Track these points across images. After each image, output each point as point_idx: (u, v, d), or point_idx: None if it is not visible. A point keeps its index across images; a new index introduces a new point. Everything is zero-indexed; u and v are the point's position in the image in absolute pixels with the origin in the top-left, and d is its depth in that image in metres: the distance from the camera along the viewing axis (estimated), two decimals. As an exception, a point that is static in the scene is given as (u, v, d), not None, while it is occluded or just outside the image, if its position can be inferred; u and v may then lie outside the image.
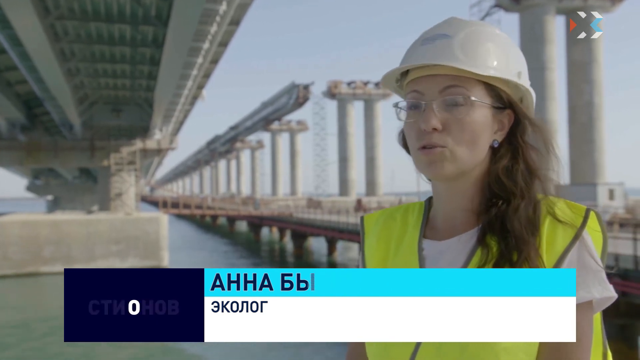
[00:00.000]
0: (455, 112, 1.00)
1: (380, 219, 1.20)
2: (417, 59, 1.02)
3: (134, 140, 36.30)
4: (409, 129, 1.05)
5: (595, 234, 1.00)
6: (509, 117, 1.06)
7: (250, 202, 63.38)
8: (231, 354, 16.07)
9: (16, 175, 75.45)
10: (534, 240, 0.98)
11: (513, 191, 1.02)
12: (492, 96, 1.03)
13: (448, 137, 1.00)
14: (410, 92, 1.05)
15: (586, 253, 0.97)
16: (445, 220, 1.09)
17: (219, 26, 20.64)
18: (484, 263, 0.99)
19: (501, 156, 1.05)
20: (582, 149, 40.17)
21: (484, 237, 1.02)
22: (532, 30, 39.54)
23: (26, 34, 20.16)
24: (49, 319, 20.22)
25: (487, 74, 1.00)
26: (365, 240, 1.20)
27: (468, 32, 1.03)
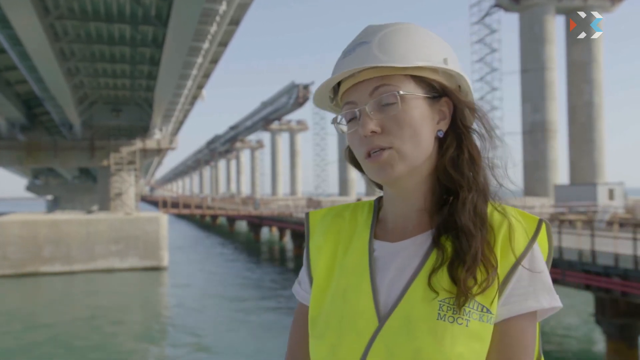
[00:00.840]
0: (389, 111, 0.99)
1: (328, 217, 1.16)
2: (339, 71, 1.02)
3: (133, 140, 36.29)
4: (351, 140, 1.04)
5: (542, 243, 1.01)
6: (447, 105, 1.04)
7: (250, 201, 63.32)
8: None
9: (16, 175, 75.45)
10: (482, 233, 0.98)
11: (460, 183, 1.01)
12: (424, 87, 1.02)
13: (390, 137, 0.99)
14: (345, 105, 1.04)
15: (537, 264, 0.98)
16: (398, 220, 1.07)
17: (218, 26, 20.63)
18: (439, 265, 0.97)
19: (447, 146, 1.03)
20: (582, 148, 40.17)
21: (438, 238, 1.00)
22: (531, 30, 39.53)
23: (26, 33, 20.15)
24: (49, 318, 20.23)
25: (407, 65, 0.99)
26: (310, 237, 1.17)
27: (385, 33, 1.02)
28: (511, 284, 0.97)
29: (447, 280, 0.96)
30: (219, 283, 28.46)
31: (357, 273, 1.04)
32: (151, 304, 23.94)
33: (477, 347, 0.94)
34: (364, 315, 1.00)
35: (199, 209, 54.30)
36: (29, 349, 16.46)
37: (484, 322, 0.95)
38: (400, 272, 1.01)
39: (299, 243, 40.05)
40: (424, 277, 0.98)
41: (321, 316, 1.05)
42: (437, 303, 0.95)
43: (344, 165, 68.08)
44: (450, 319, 0.94)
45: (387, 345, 0.96)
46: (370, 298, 1.00)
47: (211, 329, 18.70)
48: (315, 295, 1.09)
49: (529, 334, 0.97)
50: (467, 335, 0.94)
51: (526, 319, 0.97)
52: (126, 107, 35.92)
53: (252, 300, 23.44)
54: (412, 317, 0.96)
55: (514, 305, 0.96)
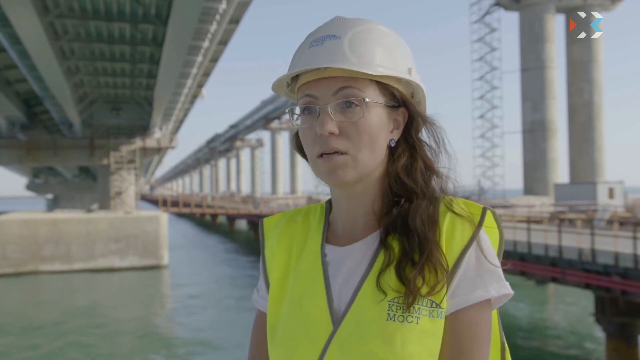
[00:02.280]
0: (351, 115, 0.98)
1: (281, 222, 1.17)
2: (308, 63, 0.99)
3: (133, 139, 36.27)
4: (304, 135, 1.03)
5: (492, 232, 1.00)
6: (403, 115, 1.04)
7: (250, 200, 63.33)
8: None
9: (16, 173, 75.42)
10: (435, 237, 0.97)
11: (414, 190, 1.01)
12: (386, 95, 1.01)
13: (346, 141, 0.98)
14: (303, 97, 1.02)
15: (483, 252, 0.97)
16: (346, 224, 1.07)
17: (218, 25, 20.61)
18: (386, 265, 0.97)
19: (399, 155, 1.03)
20: (582, 147, 40.18)
21: (386, 238, 1.00)
22: (531, 29, 39.52)
23: (25, 32, 20.12)
24: (49, 317, 20.24)
25: (378, 74, 0.98)
26: (265, 244, 1.17)
27: (356, 32, 1.00)
28: (458, 276, 0.96)
29: (395, 280, 0.96)
30: (219, 282, 28.46)
31: (311, 279, 1.04)
32: (151, 302, 23.94)
33: (430, 344, 0.94)
34: (319, 321, 1.00)
35: (199, 208, 54.31)
36: (29, 348, 16.46)
37: (434, 318, 0.95)
38: (350, 275, 1.01)
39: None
40: (372, 278, 0.98)
41: (279, 324, 1.05)
42: (387, 303, 0.95)
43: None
44: (400, 319, 0.94)
45: (341, 349, 0.96)
46: (324, 303, 1.01)
47: (211, 327, 18.70)
48: (272, 303, 1.09)
49: (482, 324, 0.96)
50: (418, 333, 0.93)
51: (477, 309, 0.96)
52: (126, 105, 35.90)
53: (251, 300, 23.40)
54: (363, 320, 0.96)
55: (462, 297, 0.96)
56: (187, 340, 17.35)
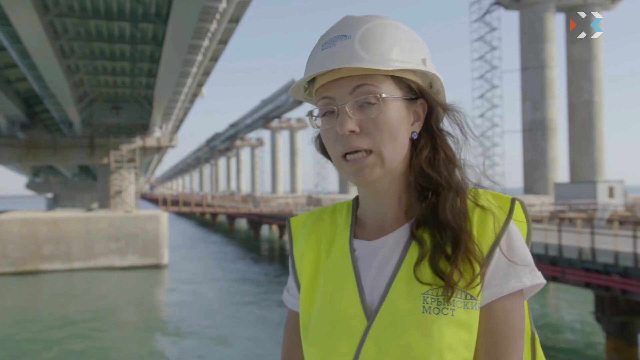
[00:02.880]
0: (369, 112, 0.99)
1: (308, 222, 1.17)
2: (321, 65, 1.00)
3: (133, 138, 36.28)
4: (325, 136, 1.03)
5: (520, 224, 1.02)
6: (422, 107, 1.05)
7: (250, 199, 63.34)
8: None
9: (16, 172, 75.45)
10: (468, 228, 0.98)
11: (439, 181, 1.02)
12: (402, 88, 1.02)
13: (368, 138, 0.99)
14: (321, 99, 1.03)
15: (514, 243, 0.98)
16: (375, 219, 1.07)
17: (218, 24, 20.62)
18: (421, 258, 0.98)
19: (422, 147, 1.04)
20: (582, 147, 40.17)
21: (416, 231, 1.01)
22: (532, 28, 39.51)
23: (25, 31, 20.12)
24: (49, 316, 20.24)
25: (392, 69, 0.99)
26: (294, 244, 1.17)
27: (366, 29, 1.01)
28: (491, 267, 0.97)
29: (429, 273, 0.97)
30: (219, 281, 28.46)
31: (341, 275, 1.05)
32: (151, 301, 23.95)
33: (465, 336, 0.95)
34: (352, 317, 1.00)
35: (199, 207, 54.35)
36: (29, 347, 16.47)
37: (469, 309, 0.95)
38: (382, 269, 1.02)
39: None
40: (405, 271, 0.99)
41: (311, 322, 1.06)
42: (421, 296, 0.96)
43: (344, 163, 68.05)
44: (435, 311, 0.94)
45: (378, 343, 0.96)
46: (357, 299, 1.01)
47: (211, 326, 18.70)
48: (304, 302, 1.09)
49: (516, 314, 0.97)
50: (454, 325, 0.94)
51: (511, 300, 0.97)
52: (126, 104, 35.89)
53: (252, 298, 23.44)
54: (398, 313, 0.96)
55: (496, 288, 0.97)
56: (187, 339, 17.36)
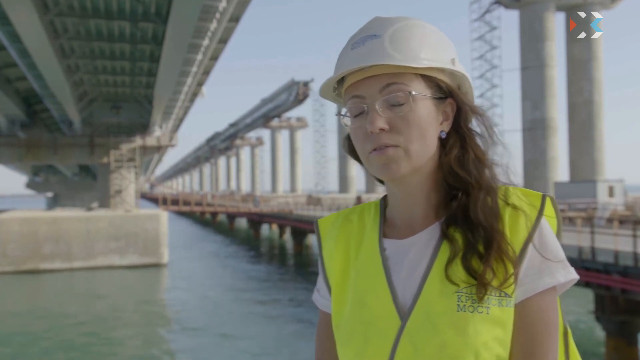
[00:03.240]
0: (399, 109, 0.99)
1: (337, 222, 1.17)
2: (351, 63, 1.01)
3: (133, 137, 36.28)
4: (355, 134, 1.04)
5: (550, 220, 1.02)
6: (451, 107, 1.05)
7: (249, 199, 63.33)
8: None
9: (16, 172, 75.43)
10: (500, 228, 0.98)
11: (468, 181, 1.02)
12: (432, 87, 1.02)
13: (397, 135, 0.99)
14: (351, 98, 1.03)
15: (546, 239, 0.98)
16: (404, 218, 1.07)
17: (218, 23, 20.61)
18: (453, 257, 0.98)
19: (451, 147, 1.04)
20: (582, 146, 40.16)
21: (447, 230, 1.01)
22: (532, 28, 39.49)
23: (25, 30, 20.11)
24: (49, 316, 20.24)
25: (421, 66, 0.99)
26: (322, 245, 1.17)
27: (396, 29, 1.01)
28: (524, 264, 0.97)
29: (462, 272, 0.97)
30: (219, 280, 28.48)
31: (372, 274, 1.05)
32: (151, 300, 23.95)
33: (500, 333, 0.95)
34: (385, 317, 1.01)
35: (199, 206, 54.34)
36: (29, 347, 16.47)
37: (503, 307, 0.95)
38: (413, 267, 1.02)
39: (299, 240, 40.07)
40: (437, 270, 0.99)
41: (343, 322, 1.06)
42: (455, 295, 0.96)
43: (344, 162, 68.07)
44: (470, 309, 0.95)
45: (413, 342, 0.97)
46: (389, 298, 1.01)
47: (211, 324, 18.71)
48: (335, 302, 1.10)
49: (550, 310, 0.98)
50: (489, 322, 0.95)
51: (545, 296, 0.97)
52: (126, 104, 35.87)
53: (252, 297, 23.45)
54: (432, 312, 0.97)
55: (530, 285, 0.97)
56: (187, 338, 17.36)
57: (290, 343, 16.49)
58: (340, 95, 1.10)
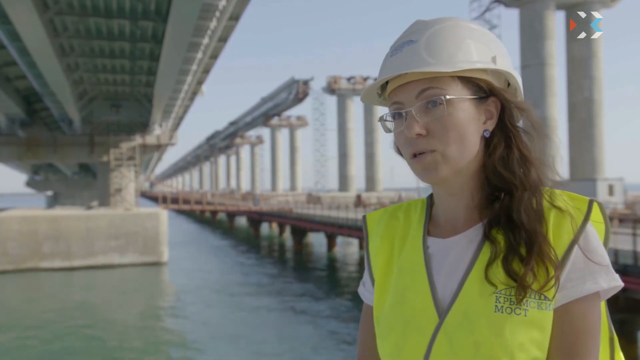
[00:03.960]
0: (435, 114, 1.00)
1: (383, 218, 1.19)
2: (389, 71, 1.03)
3: (133, 136, 36.27)
4: (397, 139, 1.06)
5: (598, 225, 1.01)
6: (495, 105, 1.05)
7: (249, 197, 63.34)
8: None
9: (15, 170, 75.41)
10: (543, 231, 0.98)
11: (512, 182, 1.02)
12: (470, 88, 1.02)
13: (434, 140, 1.00)
14: (392, 104, 1.05)
15: (591, 244, 0.98)
16: (448, 217, 1.08)
17: (218, 21, 20.60)
18: (494, 258, 0.99)
19: (495, 146, 1.04)
20: (582, 145, 40.16)
21: (490, 231, 1.01)
22: (531, 26, 39.49)
23: (25, 29, 20.10)
24: (49, 314, 20.25)
25: (455, 69, 0.99)
26: (369, 240, 1.20)
27: (432, 33, 1.02)
28: (567, 268, 0.97)
29: (502, 274, 0.97)
30: (219, 279, 28.48)
31: (414, 271, 1.07)
32: (151, 299, 23.95)
33: (538, 336, 0.95)
34: (424, 313, 1.02)
35: (199, 205, 54.37)
36: (29, 345, 16.48)
37: (542, 310, 0.95)
38: (455, 267, 1.03)
39: (299, 239, 40.07)
40: (477, 270, 1.00)
41: (383, 316, 1.08)
42: (494, 296, 0.97)
43: (344, 161, 68.06)
44: (508, 310, 0.95)
45: (449, 340, 0.98)
46: (428, 295, 1.03)
47: (211, 323, 18.71)
48: (377, 296, 1.12)
49: (592, 316, 0.97)
50: (526, 324, 0.95)
51: (587, 302, 0.97)
52: (126, 102, 35.87)
53: (252, 296, 23.46)
54: (470, 311, 0.97)
55: (572, 290, 0.97)
56: (187, 336, 17.37)
57: (290, 341, 16.49)
58: (385, 99, 1.11)
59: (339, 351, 15.46)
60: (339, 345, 16.08)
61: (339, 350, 15.57)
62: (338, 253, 37.59)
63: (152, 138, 36.89)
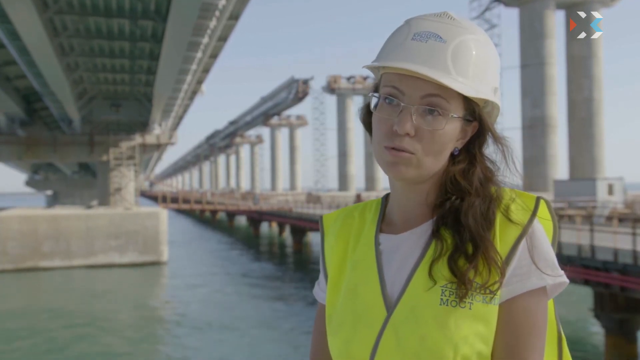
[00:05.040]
0: (431, 122, 0.99)
1: (339, 218, 1.20)
2: (406, 58, 0.99)
3: (133, 135, 36.26)
4: (379, 122, 1.02)
5: (545, 222, 1.02)
6: (473, 128, 1.05)
7: (249, 197, 63.34)
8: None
9: (15, 170, 75.39)
10: (488, 235, 0.98)
11: (468, 190, 1.03)
12: (467, 109, 1.02)
13: (418, 144, 0.99)
14: (390, 87, 1.01)
15: (537, 241, 0.99)
16: (401, 214, 1.09)
17: (218, 21, 20.58)
18: (439, 255, 0.99)
19: (459, 161, 1.05)
20: (582, 144, 40.16)
21: (438, 229, 1.02)
22: (531, 25, 39.49)
23: (25, 28, 20.09)
24: (49, 314, 20.25)
25: (473, 95, 0.99)
26: (324, 239, 1.21)
27: (462, 41, 1.00)
28: (513, 264, 0.98)
29: (447, 270, 0.98)
30: (218, 278, 28.49)
31: (366, 267, 1.08)
32: (150, 298, 23.96)
33: (482, 330, 0.96)
34: (373, 307, 1.03)
35: (199, 204, 54.33)
36: (29, 344, 16.48)
37: (487, 304, 0.96)
38: (404, 262, 1.04)
39: (299, 238, 40.08)
40: (425, 266, 1.00)
41: (335, 313, 1.09)
42: (439, 289, 0.98)
43: (344, 160, 68.10)
44: (452, 304, 0.96)
45: (396, 334, 0.99)
46: (378, 290, 1.04)
47: (210, 321, 18.72)
48: (330, 293, 1.13)
49: (537, 312, 0.97)
50: (470, 318, 0.95)
51: (532, 297, 0.97)
52: (126, 102, 35.86)
53: (251, 295, 23.46)
54: (416, 305, 0.98)
55: (517, 285, 0.97)
56: (186, 334, 17.37)
57: (289, 339, 16.50)
58: (381, 71, 1.07)
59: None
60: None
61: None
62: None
63: (151, 137, 36.89)
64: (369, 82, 66.65)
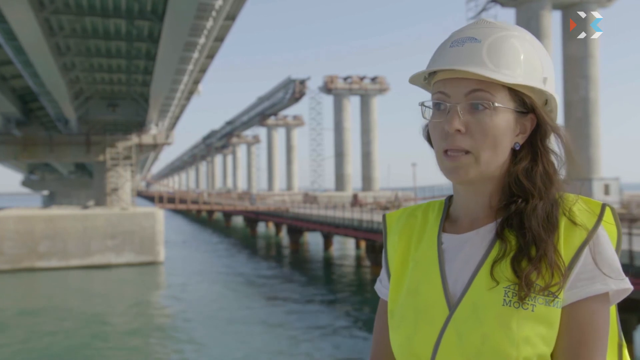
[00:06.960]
0: (479, 116, 1.02)
1: (402, 217, 1.23)
2: (445, 62, 1.04)
3: (129, 135, 36.22)
4: (433, 129, 1.07)
5: (610, 227, 1.04)
6: (531, 121, 1.08)
7: (246, 197, 63.33)
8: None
9: (11, 170, 75.25)
10: (551, 238, 1.00)
11: (531, 192, 1.05)
12: (516, 101, 1.05)
13: (471, 140, 1.02)
14: (437, 93, 1.07)
15: (602, 247, 1.01)
16: (465, 215, 1.12)
17: (214, 21, 20.57)
18: (502, 255, 1.02)
19: (521, 158, 1.07)
20: (578, 144, 40.21)
21: (502, 231, 1.04)
22: (528, 26, 39.50)
23: (21, 28, 20.05)
24: (45, 314, 20.22)
25: (512, 82, 1.02)
26: (387, 238, 1.23)
27: (496, 38, 1.04)
28: (577, 268, 0.99)
29: (510, 271, 1.00)
30: (215, 278, 28.46)
31: (428, 265, 1.10)
32: (147, 298, 23.93)
33: (544, 331, 0.97)
34: (435, 305, 1.05)
35: (195, 204, 54.29)
36: (26, 345, 16.45)
37: (550, 307, 0.98)
38: (467, 262, 1.06)
39: (295, 238, 40.08)
40: (488, 266, 1.02)
41: (397, 309, 1.11)
42: (503, 290, 0.99)
43: (340, 160, 68.09)
44: (515, 305, 0.98)
45: (458, 331, 1.01)
46: (440, 288, 1.06)
47: (207, 323, 18.71)
48: (392, 290, 1.15)
49: (600, 317, 0.99)
50: (533, 319, 0.97)
51: (595, 302, 0.99)
52: (122, 102, 35.83)
53: (248, 295, 23.46)
54: (479, 304, 1.00)
55: (581, 289, 0.99)
56: (183, 335, 17.36)
57: (287, 339, 16.50)
58: (430, 85, 1.12)
59: (337, 349, 15.48)
60: (338, 344, 16.10)
61: (338, 350, 15.60)
62: (335, 253, 37.61)
63: (148, 137, 36.85)
64: (365, 83, 66.69)
